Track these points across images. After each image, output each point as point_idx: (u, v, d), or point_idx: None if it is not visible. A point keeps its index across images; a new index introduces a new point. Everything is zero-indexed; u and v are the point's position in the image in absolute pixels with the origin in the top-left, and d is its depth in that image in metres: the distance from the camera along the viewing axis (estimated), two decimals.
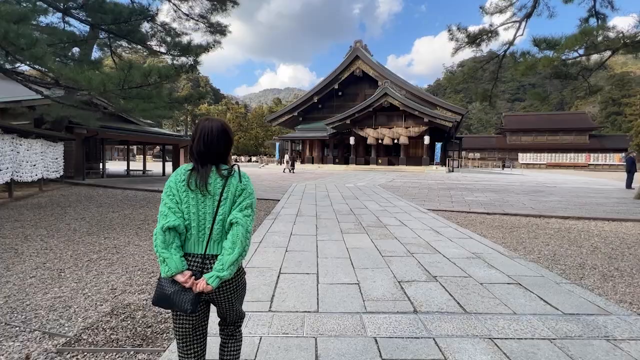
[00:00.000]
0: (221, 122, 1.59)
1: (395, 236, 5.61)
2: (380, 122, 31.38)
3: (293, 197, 10.50)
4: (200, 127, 1.56)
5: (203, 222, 1.51)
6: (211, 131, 1.54)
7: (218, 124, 1.58)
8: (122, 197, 10.05)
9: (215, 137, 1.54)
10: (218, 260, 1.45)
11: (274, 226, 6.26)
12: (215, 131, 1.54)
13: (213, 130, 1.54)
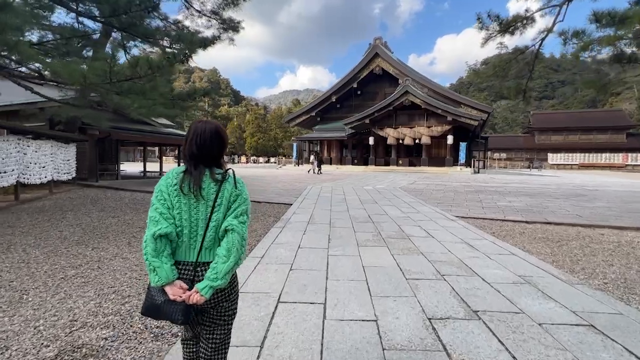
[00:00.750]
0: (215, 124, 1.55)
1: (421, 251, 4.77)
2: (401, 121, 30.24)
3: (307, 200, 9.78)
4: (194, 129, 1.52)
5: (195, 228, 1.45)
6: (204, 133, 1.49)
7: (212, 126, 1.53)
8: (129, 201, 9.64)
9: (208, 139, 1.49)
10: (211, 268, 1.39)
11: (281, 236, 5.54)
12: (208, 133, 1.49)
13: (207, 132, 1.49)
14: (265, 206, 8.86)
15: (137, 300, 3.18)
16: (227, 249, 1.38)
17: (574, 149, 50.21)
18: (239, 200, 1.48)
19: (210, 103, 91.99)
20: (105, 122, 11.86)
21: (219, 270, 1.37)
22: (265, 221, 6.93)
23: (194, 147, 1.48)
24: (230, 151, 73.58)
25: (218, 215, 1.44)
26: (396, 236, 5.62)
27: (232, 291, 1.55)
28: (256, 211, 8.09)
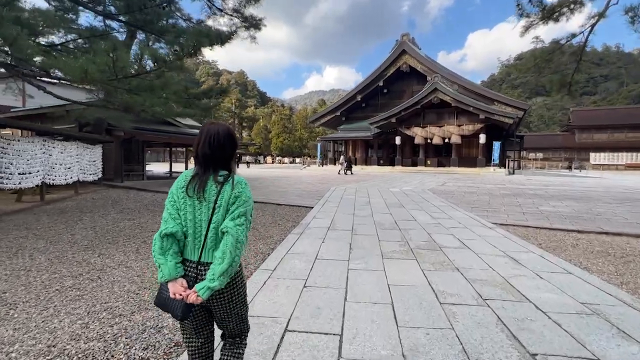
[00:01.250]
0: (227, 126, 1.58)
1: (456, 266, 4.12)
2: (429, 120, 29.07)
3: (329, 204, 9.26)
4: (206, 130, 1.53)
5: (199, 229, 1.49)
6: (218, 134, 1.51)
7: (224, 127, 1.56)
8: (149, 202, 9.54)
9: (221, 141, 1.52)
10: (210, 269, 1.42)
11: (298, 244, 5.06)
12: (222, 135, 1.52)
13: (220, 134, 1.52)
14: (285, 209, 8.44)
15: (128, 321, 2.80)
16: (222, 252, 1.40)
17: (620, 148, 46.46)
18: (237, 202, 1.48)
19: (237, 104, 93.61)
20: (128, 123, 11.91)
21: (215, 271, 1.39)
22: (283, 226, 6.49)
23: (206, 149, 1.50)
24: (256, 152, 74.49)
25: (217, 217, 1.47)
26: (426, 247, 4.99)
27: (235, 293, 1.56)
28: (275, 215, 7.68)
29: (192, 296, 1.39)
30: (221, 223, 1.46)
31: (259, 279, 3.65)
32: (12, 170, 7.75)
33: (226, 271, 1.39)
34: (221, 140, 1.51)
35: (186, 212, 1.49)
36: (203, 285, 1.39)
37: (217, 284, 1.38)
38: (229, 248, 1.40)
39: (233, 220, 1.44)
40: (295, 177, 20.39)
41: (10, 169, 7.73)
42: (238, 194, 1.48)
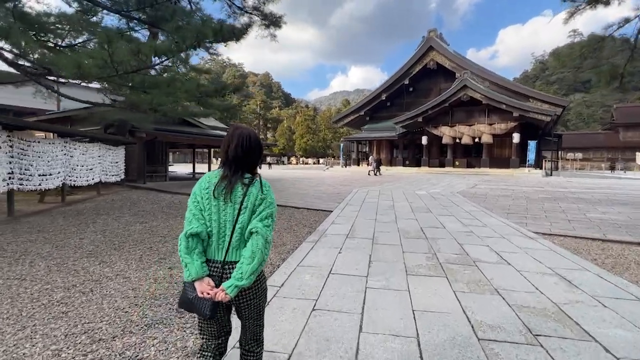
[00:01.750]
0: (254, 132, 1.61)
1: (495, 286, 3.49)
2: (458, 118, 27.77)
3: (350, 207, 8.72)
4: (238, 134, 1.57)
5: (224, 229, 1.52)
6: (250, 139, 1.56)
7: (254, 133, 1.60)
8: (166, 204, 9.38)
9: (252, 145, 1.56)
10: (237, 268, 1.46)
11: (311, 255, 4.57)
12: (253, 139, 1.57)
13: (251, 139, 1.57)
14: (302, 213, 7.98)
15: (105, 349, 2.42)
16: (252, 251, 1.44)
17: None
18: (264, 204, 1.52)
19: (262, 106, 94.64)
20: (149, 125, 11.93)
21: (244, 270, 1.43)
22: (298, 232, 6.03)
23: (239, 152, 1.53)
24: (280, 152, 74.87)
25: (244, 218, 1.50)
26: (458, 260, 4.35)
27: (258, 291, 1.60)
28: (291, 219, 7.24)
29: (220, 294, 1.43)
30: (247, 224, 1.50)
31: None
32: (32, 171, 7.77)
33: (256, 270, 1.44)
34: (252, 145, 1.56)
35: (210, 213, 1.52)
36: (231, 283, 1.43)
37: (246, 282, 1.43)
38: (259, 248, 1.44)
39: (262, 221, 1.48)
40: (317, 179, 19.95)
41: (31, 171, 7.75)
42: (264, 196, 1.53)
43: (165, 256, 4.63)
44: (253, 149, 1.57)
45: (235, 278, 1.43)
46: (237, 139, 1.55)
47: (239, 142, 1.54)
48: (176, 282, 3.69)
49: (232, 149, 1.54)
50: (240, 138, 1.55)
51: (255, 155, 1.58)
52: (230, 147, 1.54)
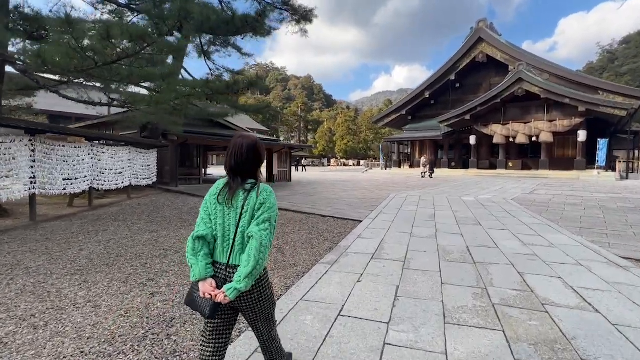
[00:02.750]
0: (253, 139, 1.67)
1: (583, 356, 2.32)
2: (512, 115, 25.17)
3: (383, 216, 7.67)
4: (232, 144, 1.65)
5: (228, 233, 1.59)
6: (241, 148, 1.62)
7: (248, 141, 1.65)
8: (189, 209, 8.98)
9: (244, 154, 1.62)
10: (237, 271, 1.50)
11: (323, 284, 3.66)
12: (245, 148, 1.62)
13: (243, 147, 1.62)
14: (327, 223, 7.09)
15: None
16: (248, 255, 1.48)
17: None
18: (263, 208, 1.56)
19: (303, 108, 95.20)
20: (179, 127, 11.76)
21: (241, 273, 1.47)
22: (316, 248, 5.16)
23: (232, 161, 1.62)
24: (320, 154, 74.55)
25: (244, 222, 1.56)
26: (519, 301, 3.19)
27: (261, 295, 1.65)
28: (313, 230, 6.38)
29: (220, 296, 1.48)
30: (247, 228, 1.55)
31: (241, 352, 2.35)
32: (55, 175, 7.70)
33: (251, 273, 1.47)
34: (244, 154, 1.62)
35: (217, 217, 1.61)
36: (230, 286, 1.48)
37: (243, 286, 1.46)
38: (253, 252, 1.47)
39: (258, 226, 1.53)
40: (354, 182, 18.92)
41: (54, 175, 7.68)
42: (263, 201, 1.57)
43: (155, 276, 3.99)
44: (246, 158, 1.61)
45: (235, 281, 1.47)
46: (231, 148, 1.63)
47: (233, 151, 1.63)
48: (148, 316, 2.99)
49: (228, 158, 1.62)
50: (234, 147, 1.63)
51: (249, 164, 1.62)
52: (228, 156, 1.63)
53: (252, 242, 1.48)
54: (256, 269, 1.46)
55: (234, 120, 20.82)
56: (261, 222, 1.52)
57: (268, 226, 1.53)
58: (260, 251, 1.47)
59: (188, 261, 1.56)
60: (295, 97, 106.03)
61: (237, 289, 1.46)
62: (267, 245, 1.51)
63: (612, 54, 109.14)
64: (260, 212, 1.54)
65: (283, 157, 18.29)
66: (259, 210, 1.55)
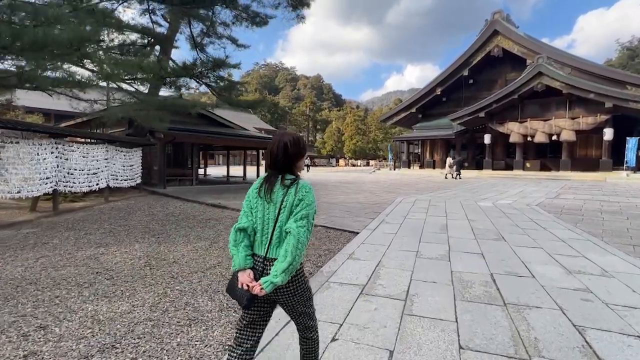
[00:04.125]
0: (290, 136, 1.70)
1: None
2: (530, 112, 23.51)
3: (385, 227, 6.43)
4: (272, 140, 1.72)
5: (267, 227, 1.63)
6: (278, 144, 1.67)
7: (288, 137, 1.69)
8: (164, 215, 7.90)
9: (281, 150, 1.66)
10: (274, 266, 1.53)
11: (279, 344, 2.45)
12: (281, 145, 1.66)
13: (280, 144, 1.66)
14: (317, 235, 5.89)
15: None
16: (285, 250, 1.51)
17: None
18: (301, 205, 1.58)
19: (312, 108, 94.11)
20: (162, 124, 10.73)
21: (277, 268, 1.50)
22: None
23: (271, 157, 1.68)
24: (328, 154, 73.31)
25: (282, 217, 1.60)
26: None
27: (297, 289, 1.67)
28: None
29: (256, 288, 1.52)
30: (285, 223, 1.58)
31: None
32: (6, 176, 6.68)
33: (287, 269, 1.48)
34: (282, 150, 1.65)
35: (257, 211, 1.65)
36: (267, 279, 1.50)
37: (279, 280, 1.49)
38: (290, 248, 1.50)
39: (296, 222, 1.55)
40: (359, 183, 17.66)
41: (5, 176, 6.66)
42: (302, 197, 1.60)
43: (53, 322, 2.85)
44: (282, 154, 1.65)
45: (272, 275, 1.50)
46: (272, 144, 1.70)
47: (272, 148, 1.68)
48: None
49: (268, 154, 1.70)
50: (272, 144, 1.69)
51: (284, 160, 1.66)
52: (269, 151, 1.69)
53: (290, 238, 1.52)
54: (292, 264, 1.49)
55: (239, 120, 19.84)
56: (299, 219, 1.55)
57: (306, 223, 1.56)
58: (297, 247, 1.50)
59: (230, 251, 1.63)
60: (304, 96, 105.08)
61: (273, 283, 1.49)
62: (304, 241, 1.54)
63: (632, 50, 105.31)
64: (299, 208, 1.58)
65: None
66: (297, 207, 1.58)
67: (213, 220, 7.29)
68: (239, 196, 11.23)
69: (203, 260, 4.52)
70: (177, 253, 4.88)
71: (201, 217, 7.65)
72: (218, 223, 7.02)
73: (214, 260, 4.51)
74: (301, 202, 1.58)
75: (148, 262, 4.43)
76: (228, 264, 4.38)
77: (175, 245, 5.33)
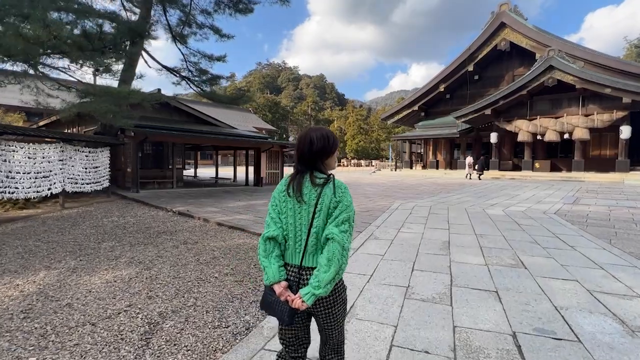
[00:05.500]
0: (321, 131, 1.58)
1: None
2: (540, 109, 22.08)
3: (371, 245, 5.16)
4: (299, 136, 1.60)
5: (300, 233, 1.49)
6: (304, 139, 1.55)
7: (317, 133, 1.56)
8: (111, 227, 6.69)
9: (307, 145, 1.53)
10: (314, 276, 1.40)
11: None
12: (307, 139, 1.54)
13: (306, 139, 1.55)
14: None
15: None
16: (328, 259, 1.37)
17: None
18: (340, 207, 1.44)
19: (314, 107, 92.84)
20: (126, 120, 9.57)
21: (321, 279, 1.36)
22: (219, 330, 2.73)
23: (299, 153, 1.55)
24: None
25: (318, 222, 1.45)
26: None
27: (337, 299, 1.52)
28: (245, 278, 3.95)
29: (297, 301, 1.38)
30: (322, 228, 1.45)
31: None
32: None
33: (333, 279, 1.37)
34: (309, 144, 1.52)
35: (287, 216, 1.50)
36: (308, 291, 1.37)
37: (322, 292, 1.36)
38: (336, 255, 1.36)
39: (338, 227, 1.41)
40: (355, 186, 16.38)
41: None
42: (339, 199, 1.45)
43: None
44: (308, 149, 1.52)
45: (312, 286, 1.37)
46: (297, 141, 1.57)
47: (300, 143, 1.54)
48: None
49: (297, 150, 1.55)
50: (301, 139, 1.55)
51: (309, 155, 1.52)
52: (297, 148, 1.56)
53: (334, 245, 1.37)
54: (338, 274, 1.38)
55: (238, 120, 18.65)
56: (341, 223, 1.41)
57: (348, 227, 1.43)
58: (342, 255, 1.38)
59: (261, 263, 1.48)
60: (307, 96, 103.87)
61: (316, 295, 1.36)
62: (348, 248, 1.42)
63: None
64: (338, 211, 1.43)
65: (274, 157, 15.92)
66: (337, 209, 1.43)
67: (167, 234, 6.07)
68: (217, 201, 10.02)
69: (112, 300, 3.29)
70: (86, 286, 3.66)
71: (155, 230, 6.43)
72: (170, 238, 5.79)
73: (126, 301, 3.28)
74: (340, 203, 1.43)
75: (31, 305, 3.21)
76: (143, 305, 3.16)
77: (94, 272, 4.11)
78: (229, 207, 8.91)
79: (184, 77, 13.04)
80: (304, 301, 1.35)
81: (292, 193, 1.49)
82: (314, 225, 1.44)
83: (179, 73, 12.69)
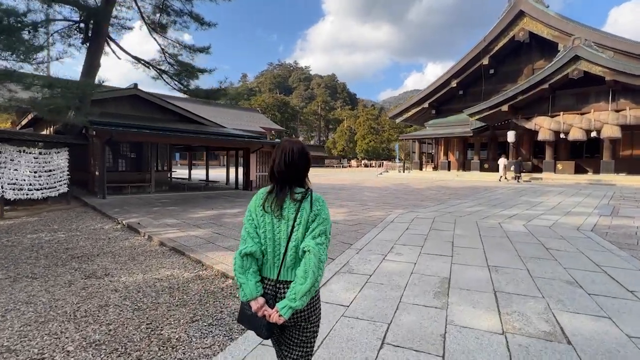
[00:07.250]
0: (301, 144, 1.56)
1: None
2: (563, 104, 20.03)
3: (338, 284, 3.67)
4: (282, 147, 1.53)
5: (278, 247, 1.46)
6: (292, 152, 1.50)
7: (299, 145, 1.55)
8: (20, 250, 5.38)
9: (296, 158, 1.49)
10: (290, 289, 1.37)
11: None
12: (296, 152, 1.51)
13: (294, 151, 1.51)
14: (213, 303, 3.20)
15: None
16: (304, 271, 1.36)
17: None
18: (318, 220, 1.43)
19: (324, 107, 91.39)
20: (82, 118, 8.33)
21: (297, 291, 1.34)
22: None
23: (282, 166, 1.48)
24: (339, 154, 70.41)
25: (297, 235, 1.43)
26: None
27: (313, 313, 1.48)
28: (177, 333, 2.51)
29: (274, 315, 1.36)
30: (301, 241, 1.43)
31: None
32: None
33: (309, 291, 1.34)
34: (295, 158, 1.48)
35: (265, 230, 1.46)
36: (285, 304, 1.35)
37: (299, 304, 1.34)
38: (311, 267, 1.35)
39: (314, 239, 1.40)
40: (355, 190, 14.85)
41: None
42: (317, 212, 1.44)
43: None
44: (298, 162, 1.48)
45: (289, 298, 1.35)
46: (280, 153, 1.50)
47: (281, 156, 1.49)
48: None
49: (277, 163, 1.49)
50: (282, 152, 1.49)
51: (300, 168, 1.49)
52: (275, 161, 1.50)
53: (310, 257, 1.36)
54: (314, 286, 1.35)
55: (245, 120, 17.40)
56: (317, 235, 1.40)
57: (324, 240, 1.42)
58: (318, 267, 1.36)
59: (237, 280, 1.43)
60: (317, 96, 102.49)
61: (292, 307, 1.33)
62: (324, 260, 1.41)
63: None
64: (315, 224, 1.41)
65: (265, 159, 14.52)
66: (314, 222, 1.42)
67: (81, 260, 4.72)
68: (184, 210, 8.68)
69: None
70: None
71: (73, 252, 5.09)
72: (78, 267, 4.42)
73: None
74: (317, 216, 1.42)
75: None
76: None
77: None
78: (193, 219, 7.54)
79: (163, 72, 11.79)
80: (281, 315, 1.34)
81: (270, 209, 1.45)
82: (292, 239, 1.43)
83: (157, 67, 11.44)
